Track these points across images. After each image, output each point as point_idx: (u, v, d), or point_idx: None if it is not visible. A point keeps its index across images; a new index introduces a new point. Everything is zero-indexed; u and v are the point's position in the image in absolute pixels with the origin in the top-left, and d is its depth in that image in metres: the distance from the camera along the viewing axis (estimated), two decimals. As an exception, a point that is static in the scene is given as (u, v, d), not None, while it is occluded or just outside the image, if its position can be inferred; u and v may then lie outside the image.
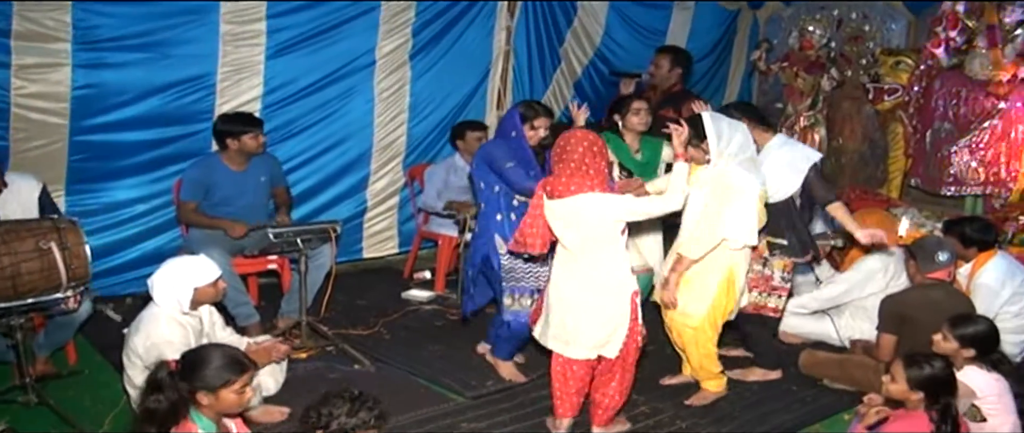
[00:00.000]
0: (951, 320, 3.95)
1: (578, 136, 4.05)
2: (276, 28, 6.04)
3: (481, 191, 4.80)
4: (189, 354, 3.29)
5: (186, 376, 3.14)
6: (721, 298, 4.54)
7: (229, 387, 3.15)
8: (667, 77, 6.63)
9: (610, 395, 4.28)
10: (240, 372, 3.19)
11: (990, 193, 7.03)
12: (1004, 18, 6.88)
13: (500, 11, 7.28)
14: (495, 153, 4.73)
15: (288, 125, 6.34)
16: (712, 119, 4.41)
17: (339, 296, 5.87)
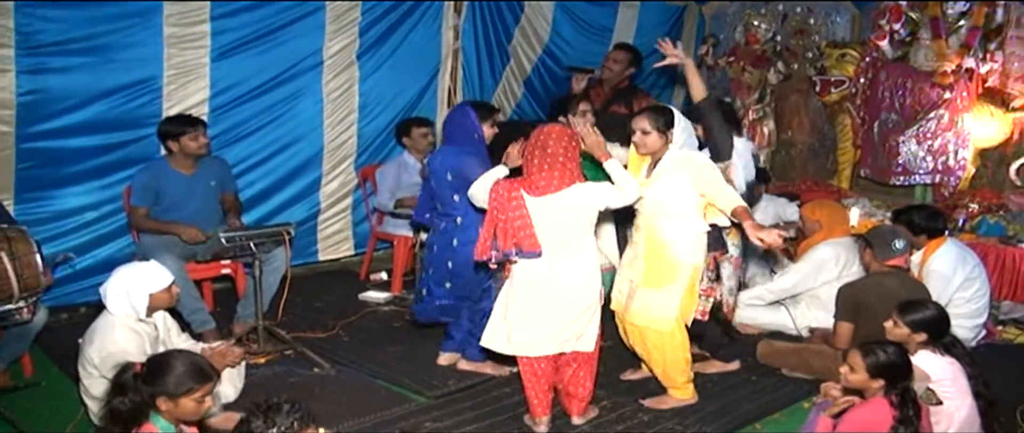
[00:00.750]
0: (900, 306, 4.00)
1: (556, 131, 4.08)
2: (220, 29, 5.97)
3: (454, 204, 4.72)
4: (154, 359, 3.28)
5: (149, 380, 3.13)
6: (688, 299, 4.51)
7: (190, 395, 3.15)
8: (620, 74, 6.67)
9: (582, 384, 4.33)
10: (202, 381, 3.19)
11: (939, 182, 7.17)
12: (947, 10, 7.03)
13: (447, 10, 7.27)
14: (469, 166, 4.63)
15: (237, 128, 6.27)
16: (677, 112, 4.54)
17: (296, 299, 5.82)
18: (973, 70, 7.00)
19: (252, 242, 5.07)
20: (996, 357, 5.44)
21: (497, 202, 4.06)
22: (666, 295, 4.47)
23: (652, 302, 4.49)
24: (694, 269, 4.47)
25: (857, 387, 3.58)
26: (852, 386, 3.60)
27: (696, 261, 4.47)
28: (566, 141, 4.06)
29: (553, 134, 4.06)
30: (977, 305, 5.47)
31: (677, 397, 4.70)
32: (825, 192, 7.54)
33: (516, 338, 4.17)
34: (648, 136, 4.44)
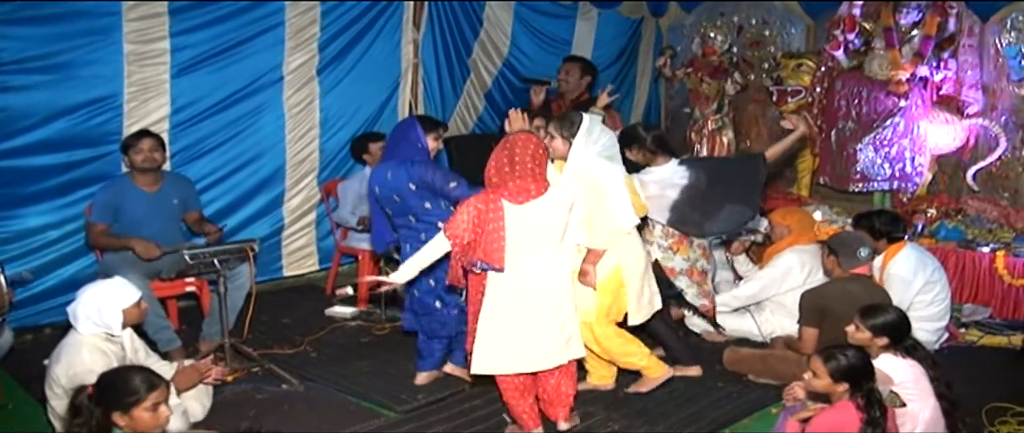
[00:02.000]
0: (861, 311, 4.05)
1: (524, 140, 4.08)
2: (180, 46, 5.96)
3: (428, 212, 4.68)
4: (101, 378, 3.29)
5: (100, 399, 3.17)
6: (604, 297, 4.58)
7: (140, 406, 3.16)
8: (577, 86, 6.72)
9: (567, 390, 4.35)
10: (148, 389, 3.20)
11: (897, 188, 7.28)
12: (900, 20, 7.14)
13: (406, 25, 7.27)
14: (432, 176, 4.62)
15: (198, 144, 6.23)
16: (590, 120, 4.56)
17: (262, 316, 5.78)
18: (927, 78, 7.12)
19: (216, 259, 5.01)
20: (959, 359, 5.53)
21: (478, 216, 3.98)
22: (583, 289, 4.52)
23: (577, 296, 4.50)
24: (616, 269, 4.56)
25: (822, 392, 3.63)
26: (817, 391, 3.65)
27: (619, 262, 4.56)
28: (533, 148, 4.07)
29: (521, 143, 4.06)
30: (938, 308, 5.54)
31: (652, 376, 4.82)
32: (785, 200, 7.61)
33: (503, 353, 4.12)
34: (553, 141, 4.56)
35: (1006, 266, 6.31)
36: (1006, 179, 7.24)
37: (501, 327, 4.09)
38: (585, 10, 8.52)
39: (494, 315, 4.10)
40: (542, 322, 4.12)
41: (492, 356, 4.12)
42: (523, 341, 4.10)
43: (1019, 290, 6.26)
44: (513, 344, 4.10)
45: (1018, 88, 7.13)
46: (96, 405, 3.15)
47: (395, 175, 4.67)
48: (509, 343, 4.10)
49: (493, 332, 4.11)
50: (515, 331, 4.09)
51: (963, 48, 7.22)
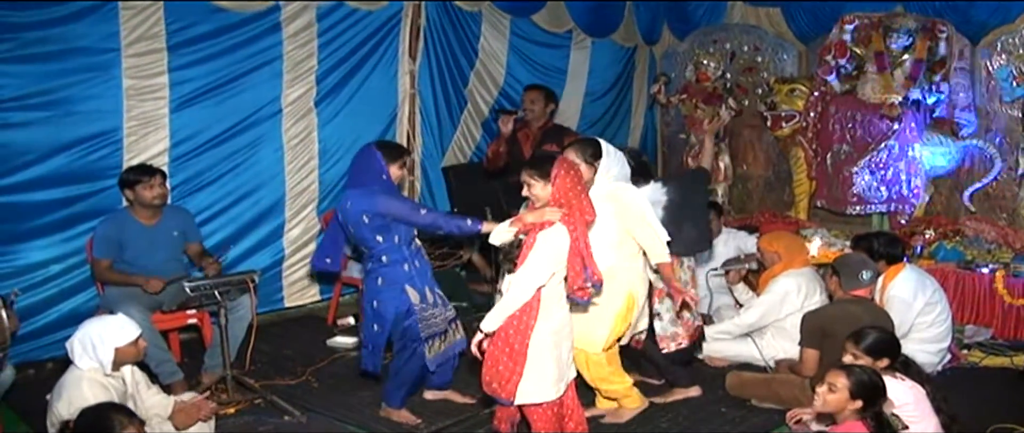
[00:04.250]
0: (853, 339, 4.07)
1: (568, 160, 4.12)
2: (179, 80, 6.01)
3: (379, 245, 4.61)
4: (80, 415, 3.37)
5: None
6: (618, 325, 4.61)
7: None
8: (542, 113, 6.76)
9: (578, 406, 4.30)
10: (121, 426, 3.28)
11: (895, 210, 7.32)
12: (891, 44, 7.22)
13: (402, 56, 7.33)
14: (395, 207, 4.57)
15: (198, 176, 6.26)
16: (605, 144, 4.61)
17: (263, 347, 5.79)
18: (920, 101, 7.19)
19: (217, 291, 5.04)
20: (962, 381, 5.54)
21: (574, 243, 3.89)
22: (594, 319, 4.53)
23: (584, 324, 4.50)
24: (628, 296, 4.58)
25: (833, 409, 3.60)
26: (829, 408, 3.62)
27: (629, 288, 4.57)
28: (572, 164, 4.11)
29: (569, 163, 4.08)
30: (939, 329, 5.54)
31: (629, 407, 4.83)
32: (783, 224, 7.64)
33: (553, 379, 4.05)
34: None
35: (1006, 286, 6.33)
36: (1003, 199, 7.30)
37: (550, 354, 4.00)
38: (579, 39, 8.60)
39: (546, 343, 3.98)
40: (566, 342, 4.12)
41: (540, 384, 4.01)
42: (558, 364, 4.05)
43: (1020, 310, 6.27)
44: (553, 370, 4.03)
45: (1011, 109, 7.19)
46: None
47: (355, 205, 4.59)
48: (552, 369, 4.02)
49: (544, 361, 3.99)
50: (554, 356, 4.02)
51: (955, 71, 7.29)
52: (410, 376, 4.84)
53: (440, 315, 4.74)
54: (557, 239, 3.85)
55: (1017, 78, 7.12)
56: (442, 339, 4.77)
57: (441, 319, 4.75)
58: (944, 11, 7.57)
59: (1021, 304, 6.27)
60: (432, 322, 4.71)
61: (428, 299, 4.69)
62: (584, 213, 3.96)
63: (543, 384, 4.00)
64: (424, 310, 4.67)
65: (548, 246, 3.85)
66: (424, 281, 4.70)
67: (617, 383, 4.79)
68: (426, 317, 4.69)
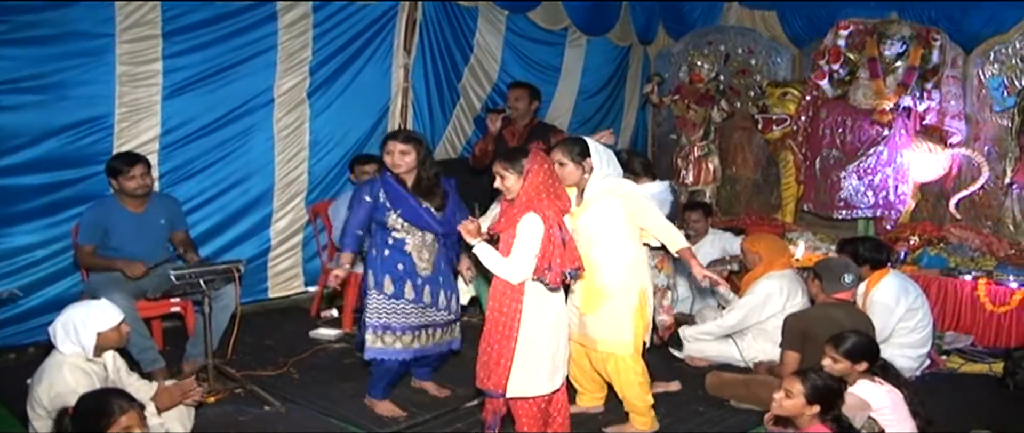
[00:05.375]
0: (832, 342, 4.09)
1: (541, 154, 4.18)
2: (172, 68, 6.02)
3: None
4: (81, 399, 3.36)
5: (76, 420, 3.25)
6: (638, 323, 4.59)
7: (111, 429, 3.23)
8: (527, 111, 6.77)
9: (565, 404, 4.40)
10: (120, 412, 3.27)
11: (881, 216, 7.35)
12: (884, 51, 7.24)
13: (397, 49, 7.33)
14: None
15: (188, 165, 6.28)
16: (593, 142, 4.59)
17: (246, 337, 5.79)
18: (911, 108, 7.22)
19: (202, 279, 5.03)
20: (941, 386, 5.60)
21: (548, 231, 4.00)
22: (616, 319, 4.55)
23: (604, 327, 4.56)
24: (641, 292, 4.57)
25: (790, 413, 3.65)
26: (785, 412, 3.67)
27: (641, 284, 4.58)
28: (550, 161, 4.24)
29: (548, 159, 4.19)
30: (920, 335, 5.59)
31: (637, 426, 4.77)
32: (770, 226, 7.67)
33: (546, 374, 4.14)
34: (565, 167, 4.50)
35: (988, 294, 6.36)
36: (988, 208, 7.34)
37: (545, 348, 4.10)
38: (574, 37, 8.61)
39: (538, 335, 4.09)
40: (562, 338, 4.19)
41: (532, 378, 4.11)
42: (553, 360, 4.14)
43: (1000, 318, 6.30)
44: (547, 364, 4.12)
45: (1000, 118, 7.23)
46: (73, 427, 3.20)
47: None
48: (545, 363, 4.12)
49: (537, 354, 4.10)
50: (549, 351, 4.12)
51: (946, 79, 7.33)
52: (384, 366, 4.86)
53: (399, 311, 4.73)
54: (535, 227, 3.96)
55: (1008, 88, 7.16)
56: (419, 336, 4.78)
57: (400, 315, 4.73)
58: (938, 19, 7.61)
59: (1002, 312, 6.29)
60: (383, 314, 4.72)
61: (403, 293, 4.71)
62: (561, 203, 4.07)
63: (535, 378, 4.09)
64: (378, 299, 4.71)
65: (529, 234, 3.96)
66: (407, 274, 4.71)
67: (644, 396, 4.73)
68: (378, 308, 4.72)
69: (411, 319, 4.73)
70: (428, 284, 4.74)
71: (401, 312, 4.72)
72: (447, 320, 4.86)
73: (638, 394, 4.69)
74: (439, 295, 4.80)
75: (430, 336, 4.82)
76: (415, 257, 4.72)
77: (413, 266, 4.72)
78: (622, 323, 4.55)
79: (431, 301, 4.77)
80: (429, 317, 4.79)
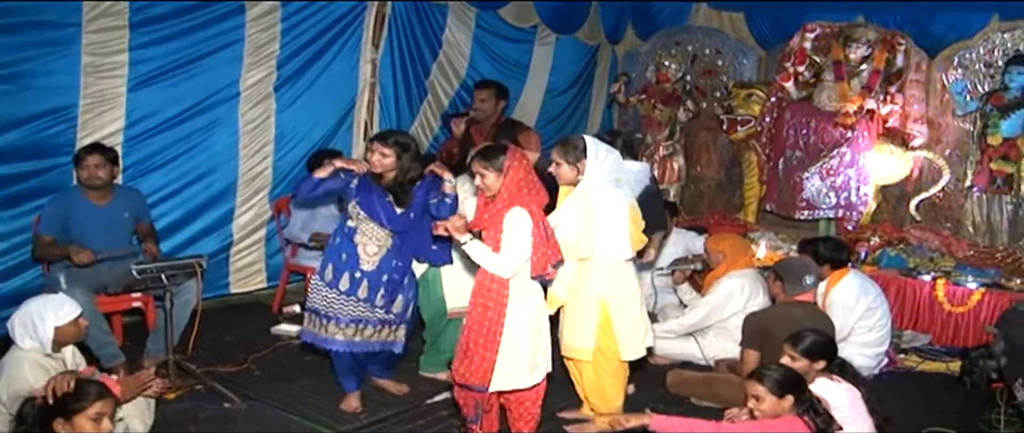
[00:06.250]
0: (791, 341, 4.13)
1: (518, 151, 4.21)
2: (138, 59, 5.95)
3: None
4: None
5: (47, 404, 3.26)
6: (601, 337, 4.59)
7: (84, 413, 3.26)
8: (494, 110, 6.78)
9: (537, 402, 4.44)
10: (95, 398, 3.30)
11: (842, 216, 7.44)
12: (849, 54, 7.33)
13: (365, 44, 7.30)
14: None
15: (152, 158, 6.22)
16: (593, 142, 4.52)
17: (207, 333, 5.72)
18: (874, 111, 7.31)
19: (163, 274, 5.01)
20: (899, 384, 5.69)
21: (536, 226, 4.06)
22: (577, 326, 4.58)
23: (569, 332, 4.62)
24: (599, 303, 4.55)
25: (771, 414, 3.69)
26: (766, 415, 3.71)
27: (604, 294, 4.55)
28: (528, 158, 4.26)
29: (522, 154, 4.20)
30: (879, 334, 5.68)
31: (600, 426, 4.78)
32: (732, 226, 7.74)
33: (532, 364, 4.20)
34: (559, 168, 4.53)
35: (946, 294, 6.47)
36: (948, 210, 7.47)
37: (525, 342, 4.15)
38: (544, 35, 8.63)
39: (521, 330, 4.14)
40: (543, 334, 4.24)
41: (513, 371, 4.16)
42: (533, 354, 4.18)
43: (958, 317, 6.41)
44: (528, 358, 4.17)
45: (962, 122, 7.35)
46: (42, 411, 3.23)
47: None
48: (527, 357, 4.16)
49: (518, 347, 4.14)
50: (529, 345, 4.16)
51: (910, 83, 7.43)
52: (337, 359, 4.90)
53: (346, 303, 4.74)
54: (523, 221, 4.02)
55: (971, 93, 7.28)
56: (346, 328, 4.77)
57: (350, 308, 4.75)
58: (904, 24, 7.76)
59: (960, 312, 6.40)
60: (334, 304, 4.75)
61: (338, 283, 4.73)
62: (540, 197, 4.14)
63: (516, 371, 4.13)
64: (318, 288, 4.77)
65: (518, 228, 4.01)
66: (347, 266, 4.73)
67: (610, 398, 4.77)
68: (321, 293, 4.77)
69: (347, 310, 4.74)
70: (367, 279, 4.72)
71: (334, 302, 4.74)
72: (383, 320, 4.81)
73: (601, 396, 4.75)
74: (378, 293, 4.77)
75: (360, 332, 4.79)
76: (361, 250, 4.72)
77: (357, 259, 4.72)
78: (579, 330, 4.58)
79: (367, 297, 4.74)
80: (361, 312, 4.77)
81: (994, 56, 7.22)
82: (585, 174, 4.47)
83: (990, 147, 6.96)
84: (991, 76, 7.22)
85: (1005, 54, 7.12)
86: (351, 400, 5.00)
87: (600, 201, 4.45)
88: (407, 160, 4.69)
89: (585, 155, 4.47)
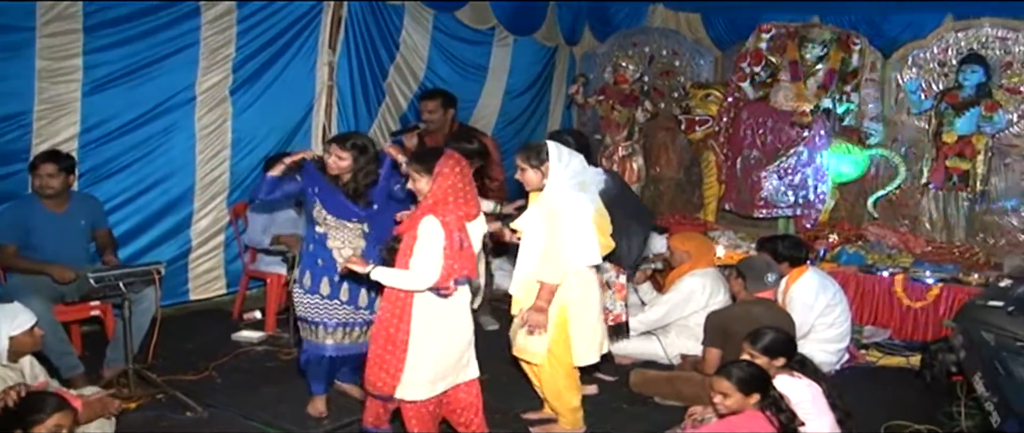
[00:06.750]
0: (750, 339, 4.18)
1: (458, 156, 4.14)
2: (93, 64, 5.86)
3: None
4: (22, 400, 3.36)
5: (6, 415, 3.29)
6: (557, 335, 4.58)
7: (41, 425, 3.26)
8: (443, 119, 6.74)
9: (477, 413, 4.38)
10: (53, 410, 3.30)
11: (800, 215, 7.52)
12: (805, 54, 7.41)
13: (322, 47, 7.23)
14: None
15: (108, 163, 6.12)
16: (556, 147, 4.50)
17: (167, 341, 5.60)
18: (830, 110, 7.38)
19: (121, 282, 4.94)
20: (860, 379, 5.77)
21: (449, 237, 3.97)
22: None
23: (524, 334, 4.59)
24: (560, 307, 4.54)
25: (736, 409, 3.71)
26: (730, 410, 3.73)
27: (566, 299, 4.54)
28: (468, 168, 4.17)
29: (461, 160, 4.13)
30: (839, 330, 5.74)
31: (563, 425, 4.81)
32: (692, 225, 7.81)
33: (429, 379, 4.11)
34: (524, 173, 4.52)
35: (905, 289, 6.56)
36: (905, 207, 7.57)
37: (429, 353, 4.08)
38: (502, 36, 8.60)
39: (426, 339, 4.07)
40: (457, 340, 4.17)
41: (417, 382, 4.10)
42: (438, 366, 4.11)
43: (917, 313, 6.52)
44: (432, 369, 4.10)
45: (917, 121, 7.45)
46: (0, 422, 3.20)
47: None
48: (431, 368, 4.09)
49: (423, 357, 4.07)
50: (435, 356, 4.09)
51: (865, 82, 7.51)
52: (307, 361, 4.86)
53: (329, 307, 4.73)
54: (434, 231, 3.95)
55: (925, 91, 7.38)
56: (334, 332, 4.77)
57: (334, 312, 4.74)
58: (859, 24, 7.86)
59: (919, 307, 6.50)
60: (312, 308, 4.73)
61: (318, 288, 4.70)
62: (469, 208, 4.06)
63: (419, 381, 4.08)
64: (300, 295, 4.74)
65: (428, 238, 3.95)
66: (325, 270, 4.70)
67: (566, 399, 4.77)
68: (300, 303, 4.75)
69: (333, 315, 4.74)
70: (346, 281, 4.70)
71: (319, 307, 4.72)
72: (368, 320, 4.78)
73: (558, 397, 4.76)
74: (359, 294, 4.77)
75: (347, 334, 4.79)
76: (336, 254, 4.69)
77: (333, 263, 4.68)
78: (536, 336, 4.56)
79: (348, 299, 4.75)
80: (347, 315, 4.77)
81: (948, 55, 7.33)
82: (549, 178, 4.45)
83: (945, 145, 7.08)
84: (945, 75, 7.33)
85: (959, 53, 7.24)
86: (318, 403, 4.96)
87: (566, 207, 4.43)
88: (363, 162, 4.69)
89: (548, 159, 4.46)
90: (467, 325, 4.23)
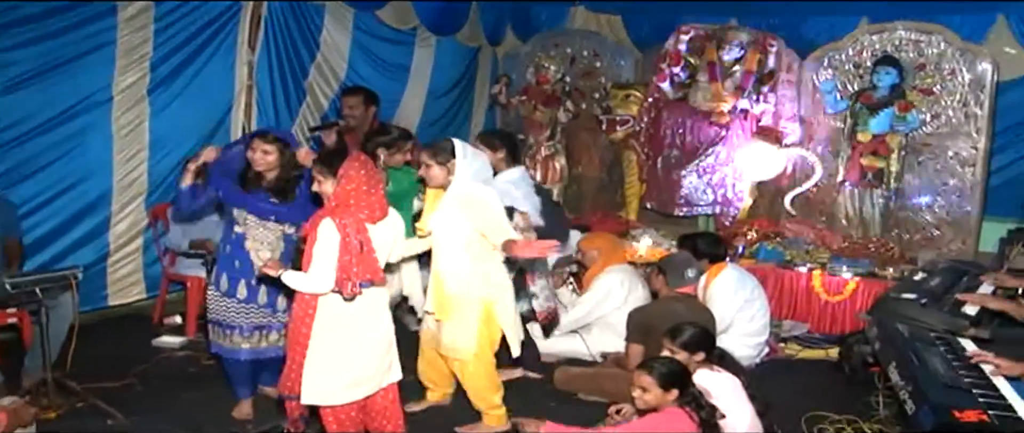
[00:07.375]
0: (669, 334, 4.25)
1: (370, 162, 4.12)
2: (5, 63, 5.70)
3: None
4: None
5: None
6: (483, 331, 4.65)
7: None
8: (364, 117, 6.71)
9: (396, 416, 4.35)
10: None
11: (720, 212, 7.66)
12: (723, 56, 7.55)
13: (240, 46, 7.13)
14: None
15: (22, 166, 5.96)
16: (461, 145, 4.61)
17: (86, 348, 5.46)
18: (748, 110, 7.52)
19: (38, 288, 4.81)
20: (779, 372, 5.91)
21: (345, 239, 3.92)
22: (460, 327, 4.62)
23: (450, 333, 4.64)
24: (483, 303, 4.61)
25: (655, 404, 3.77)
26: (649, 406, 3.78)
27: (484, 295, 4.61)
28: (375, 169, 4.14)
29: (367, 161, 4.10)
30: (758, 324, 5.88)
31: (489, 424, 4.86)
32: (615, 224, 7.91)
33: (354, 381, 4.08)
34: (430, 170, 4.59)
35: (822, 284, 6.74)
36: (822, 204, 7.76)
37: (337, 357, 4.02)
38: (424, 37, 8.58)
39: (331, 341, 4.02)
40: (373, 349, 4.12)
41: (328, 385, 4.04)
42: (355, 369, 4.07)
43: (835, 306, 6.70)
44: (348, 374, 4.05)
45: (833, 120, 7.63)
46: None
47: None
48: (345, 373, 4.05)
49: (329, 363, 4.02)
50: (348, 360, 4.05)
51: (782, 83, 7.68)
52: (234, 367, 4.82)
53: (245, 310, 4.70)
54: (329, 233, 3.92)
55: (841, 92, 7.56)
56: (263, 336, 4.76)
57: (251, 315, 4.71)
58: (778, 27, 8.03)
59: (836, 301, 6.68)
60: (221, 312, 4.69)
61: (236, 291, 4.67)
62: (372, 211, 4.03)
63: (332, 386, 4.04)
64: (215, 298, 4.71)
65: (323, 240, 3.92)
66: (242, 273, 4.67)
67: (489, 398, 4.84)
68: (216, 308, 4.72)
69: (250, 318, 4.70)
70: (264, 284, 4.66)
71: (236, 311, 4.68)
72: (285, 323, 4.73)
73: (482, 396, 4.83)
74: (277, 297, 4.74)
75: (264, 337, 4.76)
76: (253, 256, 4.65)
77: (250, 265, 4.65)
78: (464, 331, 4.62)
79: (266, 302, 4.72)
80: (263, 318, 4.73)
81: (863, 57, 7.51)
82: (454, 175, 4.53)
83: (860, 144, 7.26)
84: (860, 76, 7.52)
85: (873, 55, 7.43)
86: (244, 407, 4.92)
87: (480, 194, 4.52)
88: (289, 156, 4.67)
89: (453, 156, 4.54)
90: (383, 328, 4.17)
